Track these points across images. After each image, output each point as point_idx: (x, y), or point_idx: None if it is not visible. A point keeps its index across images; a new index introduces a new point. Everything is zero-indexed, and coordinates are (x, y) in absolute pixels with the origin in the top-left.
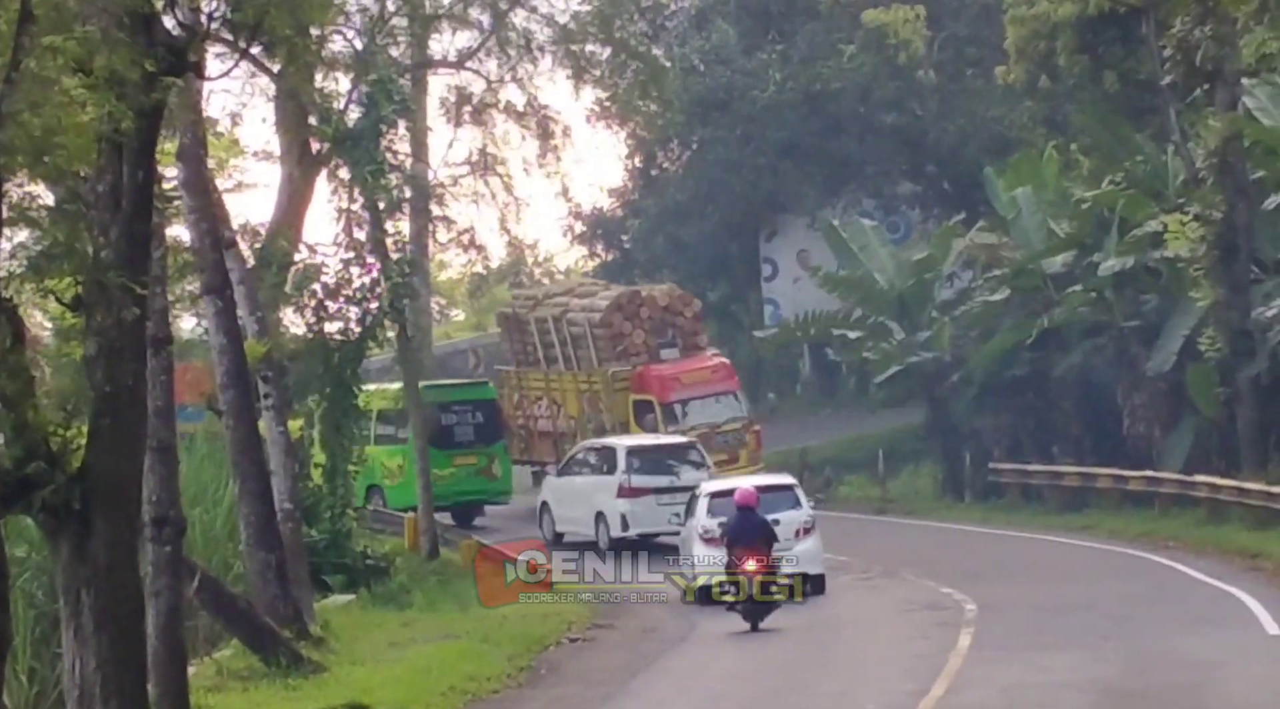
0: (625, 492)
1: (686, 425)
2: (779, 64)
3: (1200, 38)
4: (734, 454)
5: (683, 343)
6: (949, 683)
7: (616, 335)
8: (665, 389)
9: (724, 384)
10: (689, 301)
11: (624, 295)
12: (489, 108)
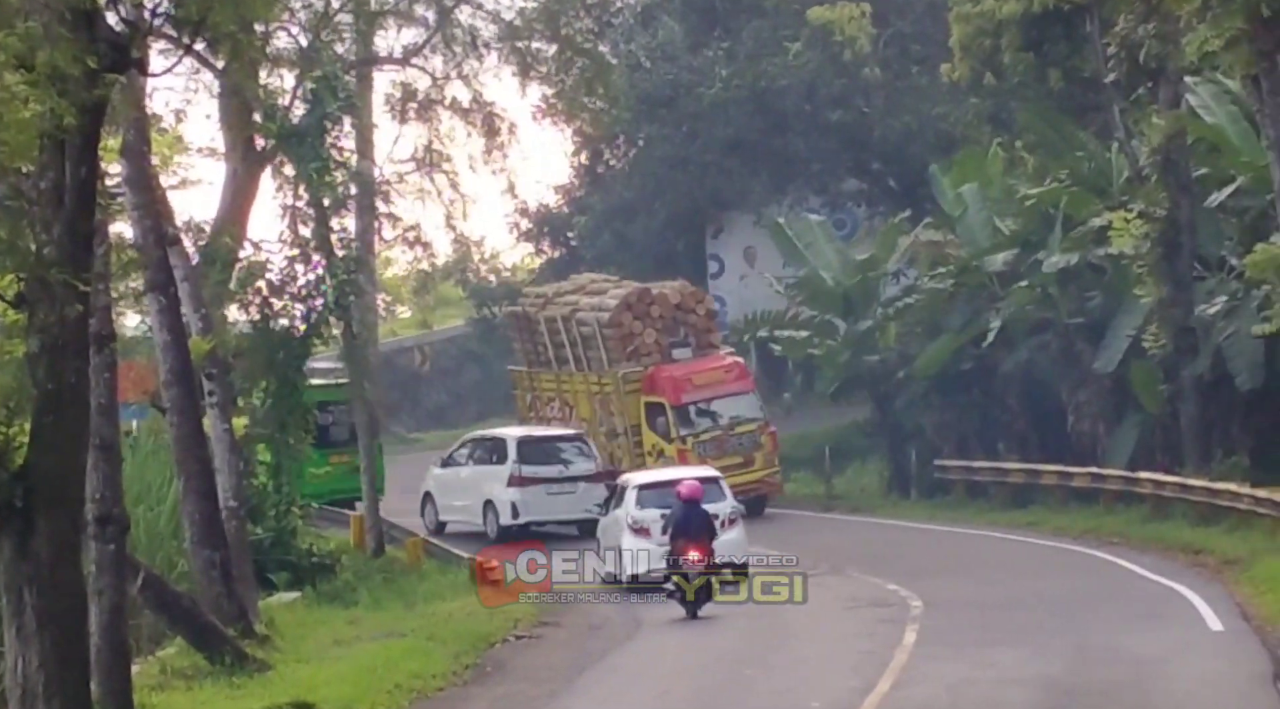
0: (515, 481)
1: (699, 428)
2: (725, 61)
3: (1143, 36)
4: (749, 457)
5: (696, 342)
6: (894, 679)
7: (627, 335)
8: (677, 390)
9: (738, 385)
10: (701, 299)
11: (633, 293)
12: (434, 104)
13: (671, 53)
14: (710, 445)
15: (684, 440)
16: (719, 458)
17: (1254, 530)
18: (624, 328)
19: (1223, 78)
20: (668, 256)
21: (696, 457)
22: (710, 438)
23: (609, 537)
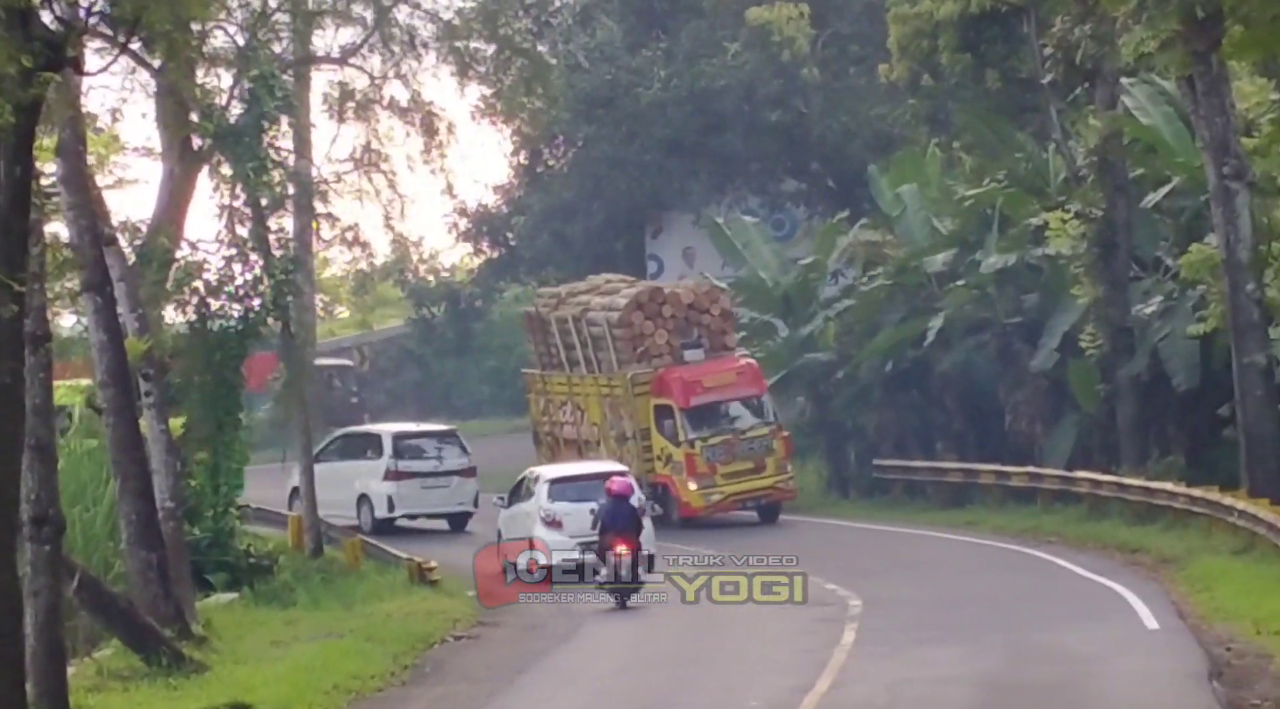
0: (391, 475)
1: (709, 432)
2: (663, 61)
3: (1080, 37)
4: (760, 462)
5: (709, 343)
6: (833, 678)
7: (637, 336)
8: (686, 393)
9: (750, 388)
10: (716, 298)
11: (644, 292)
12: (373, 104)
13: (610, 53)
14: (719, 450)
15: (692, 444)
16: (729, 463)
17: (1190, 529)
18: (634, 328)
19: (1158, 79)
20: (607, 257)
21: (704, 462)
22: (720, 442)
23: (514, 529)
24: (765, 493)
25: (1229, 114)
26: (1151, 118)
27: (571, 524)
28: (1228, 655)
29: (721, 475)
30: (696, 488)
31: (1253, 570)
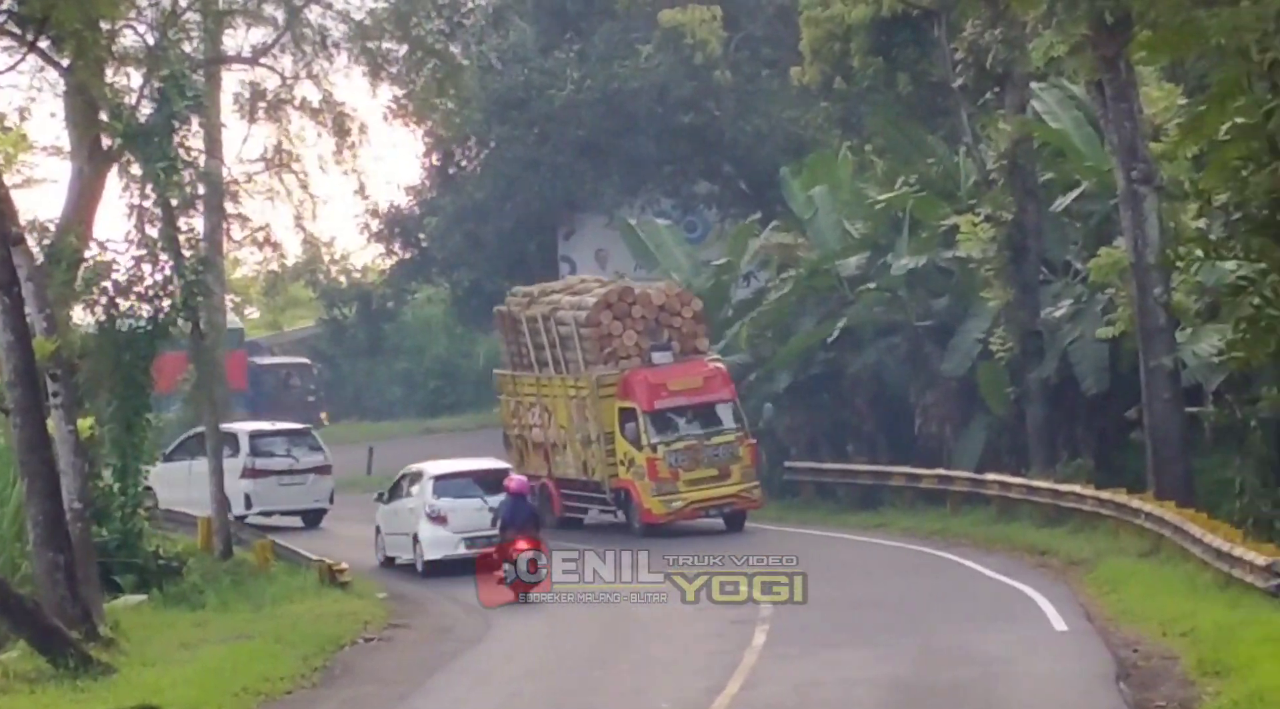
0: (248, 473)
1: (672, 436)
2: (576, 63)
3: (990, 41)
4: (725, 469)
5: (680, 346)
6: (743, 680)
7: (605, 336)
8: (649, 396)
9: (717, 393)
10: (688, 301)
11: (614, 292)
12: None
13: (523, 54)
14: (683, 455)
15: (654, 449)
16: (692, 469)
17: (1098, 531)
18: (602, 328)
19: (1068, 83)
20: (519, 258)
21: (667, 467)
22: (683, 447)
23: (394, 524)
24: (729, 501)
25: (1137, 119)
26: (1061, 122)
27: (456, 520)
28: (1134, 657)
29: (684, 482)
30: (658, 494)
31: (1159, 572)
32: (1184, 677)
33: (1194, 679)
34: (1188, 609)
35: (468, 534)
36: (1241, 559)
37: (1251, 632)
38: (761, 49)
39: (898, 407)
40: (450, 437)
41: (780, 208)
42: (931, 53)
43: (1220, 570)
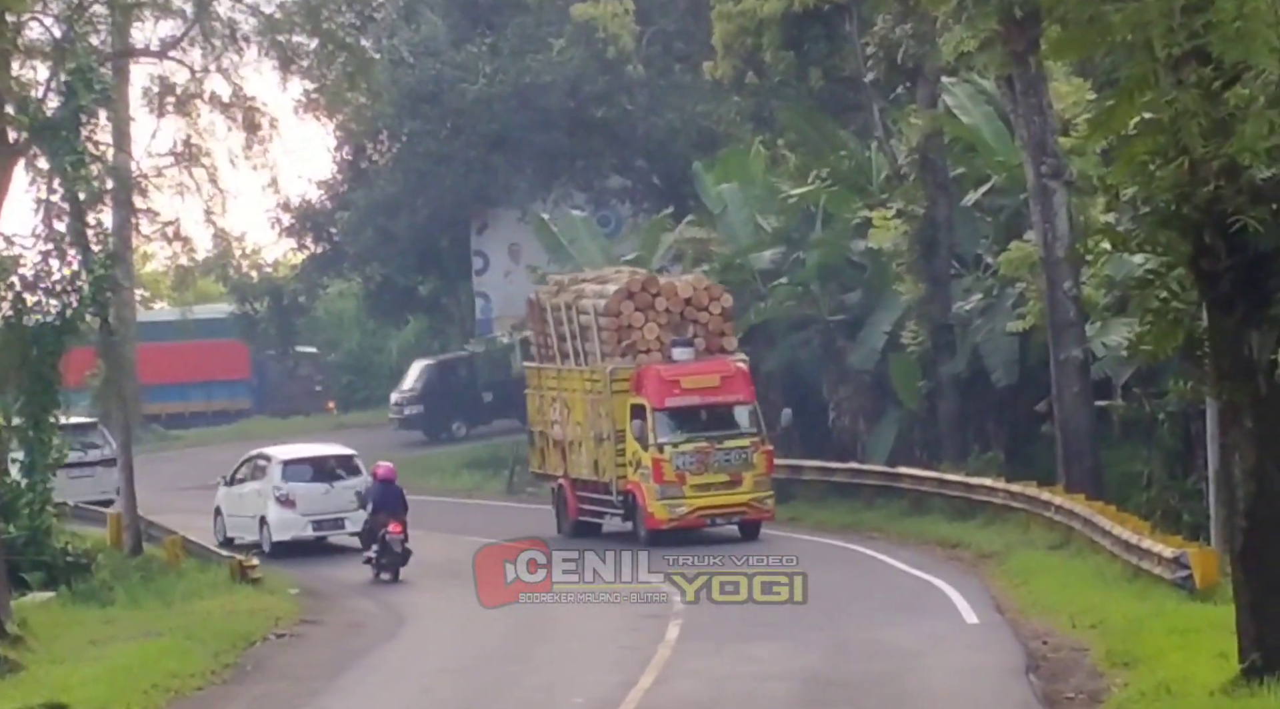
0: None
1: (681, 437)
2: (488, 57)
3: (901, 36)
4: (737, 476)
5: (705, 343)
6: (656, 674)
7: (624, 327)
8: (659, 393)
9: (733, 394)
10: (717, 295)
11: (637, 281)
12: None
13: (435, 48)
14: (691, 458)
15: (660, 449)
16: (700, 474)
17: (1008, 524)
18: (621, 318)
19: (978, 78)
20: (432, 253)
21: (673, 470)
22: (692, 449)
23: (239, 506)
24: (738, 510)
25: (1047, 113)
26: (972, 117)
27: (304, 503)
28: (1044, 649)
29: (691, 487)
30: (662, 498)
31: (1068, 565)
32: (1093, 668)
33: (1103, 670)
34: (1097, 601)
35: (314, 517)
36: (1150, 551)
37: (1159, 623)
38: (674, 43)
39: (811, 400)
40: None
41: (693, 202)
42: (843, 48)
43: (1129, 562)
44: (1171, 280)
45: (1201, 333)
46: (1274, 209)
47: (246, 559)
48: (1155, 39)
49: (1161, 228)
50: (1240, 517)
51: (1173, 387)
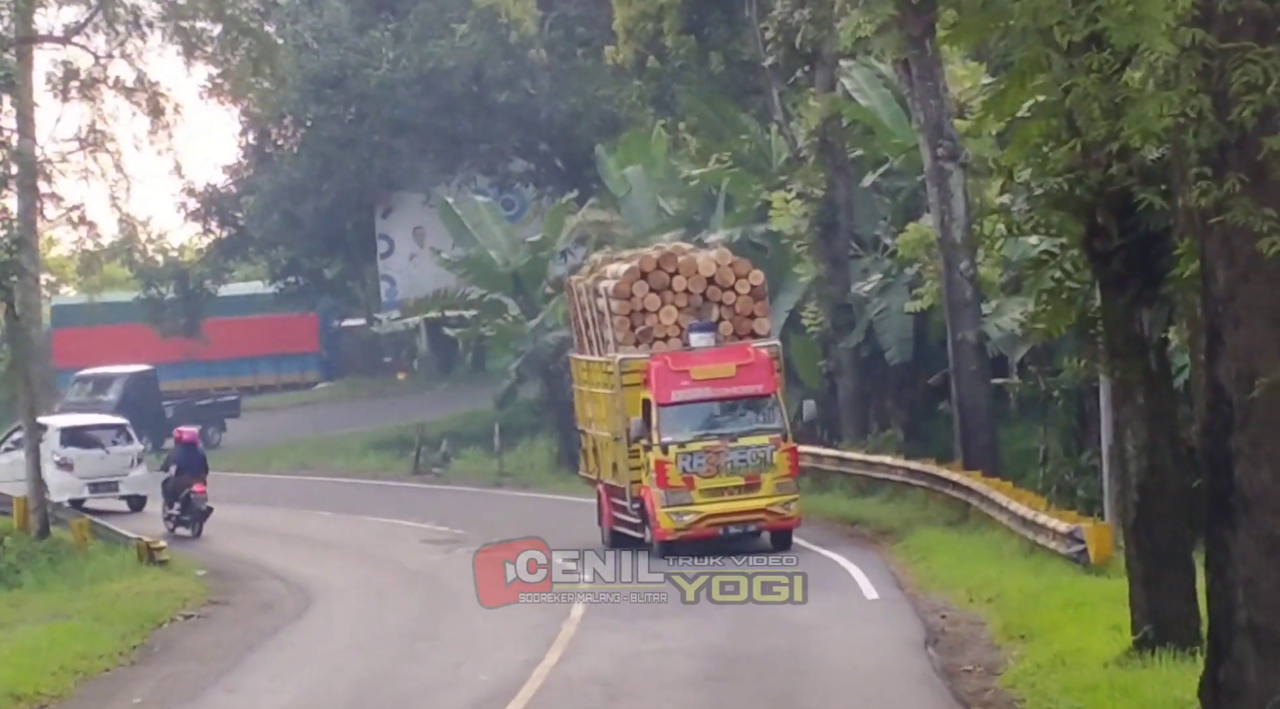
0: None
1: (688, 435)
2: (391, 42)
3: (800, 21)
4: (754, 478)
5: (732, 327)
6: (562, 651)
7: (638, 312)
8: (665, 384)
9: (753, 385)
10: (744, 272)
11: (650, 259)
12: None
13: (338, 34)
14: (700, 459)
15: (665, 449)
16: (711, 476)
17: (907, 501)
18: (634, 300)
19: (876, 62)
20: (338, 236)
21: (679, 472)
22: (701, 449)
23: (12, 472)
24: (754, 517)
25: (943, 97)
26: (869, 100)
27: (82, 467)
28: (943, 623)
29: (700, 491)
30: (667, 505)
31: (966, 540)
32: (990, 641)
33: (1000, 644)
34: (994, 575)
35: (91, 479)
36: (1045, 526)
37: (1054, 597)
38: (576, 28)
39: None
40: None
41: (596, 185)
42: (742, 32)
43: (1025, 537)
44: (1065, 260)
45: (1094, 311)
46: (1163, 189)
47: (154, 541)
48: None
49: (1055, 209)
50: (1132, 491)
51: (1067, 364)
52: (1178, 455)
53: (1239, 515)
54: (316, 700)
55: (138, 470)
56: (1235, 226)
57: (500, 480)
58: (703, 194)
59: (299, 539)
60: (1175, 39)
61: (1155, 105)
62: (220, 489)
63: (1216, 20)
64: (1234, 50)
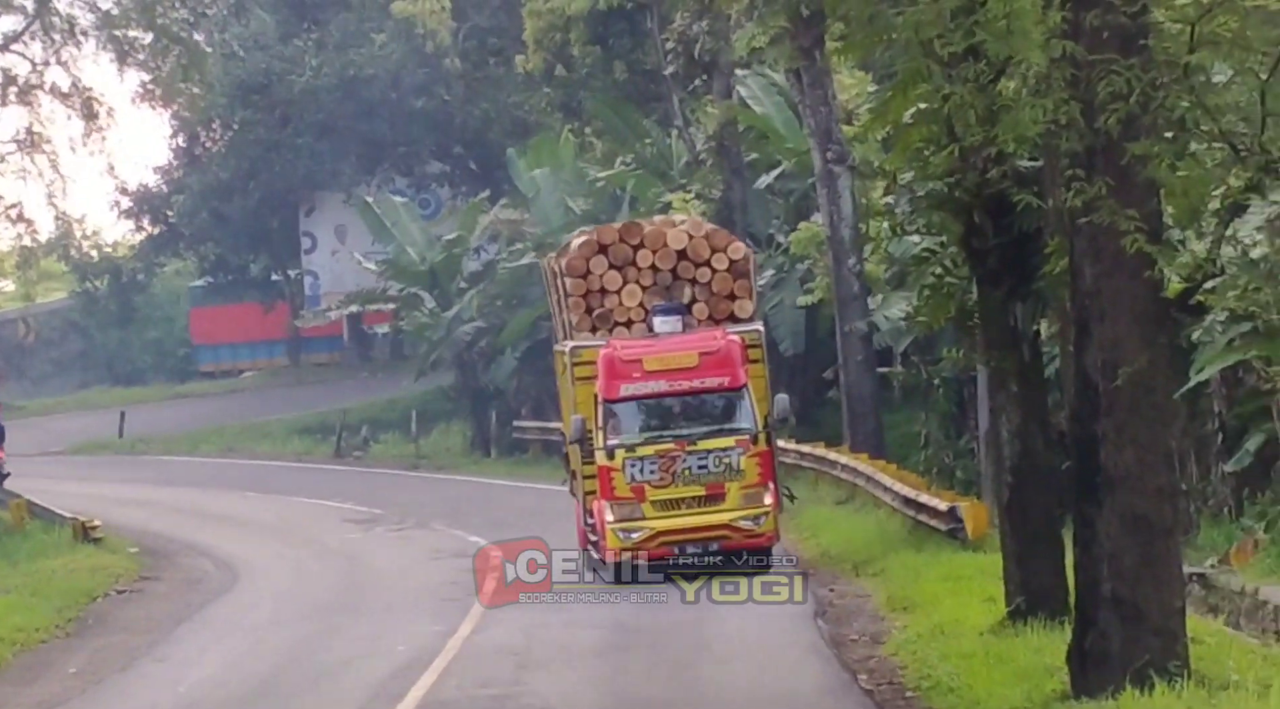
0: None
1: (640, 437)
2: (314, 51)
3: (698, 32)
4: (717, 488)
5: (708, 308)
6: (475, 624)
7: (595, 291)
8: (613, 378)
9: (717, 376)
10: (722, 244)
11: (610, 231)
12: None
13: (264, 42)
14: (651, 465)
15: (611, 454)
16: (663, 487)
17: (799, 482)
18: (590, 279)
19: (770, 71)
20: (263, 233)
21: (626, 482)
22: (652, 453)
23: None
24: (716, 535)
25: (832, 104)
26: (764, 107)
27: None
28: (831, 596)
29: (651, 504)
30: (614, 520)
31: (854, 518)
32: (875, 613)
33: (884, 615)
34: (879, 551)
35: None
36: (926, 505)
37: (934, 571)
38: (488, 39)
39: None
40: (200, 400)
41: (508, 186)
42: (645, 42)
43: (907, 516)
44: (945, 257)
45: (972, 305)
46: (1036, 191)
47: (89, 520)
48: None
49: (935, 209)
50: (1006, 473)
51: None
52: (1048, 439)
53: (1104, 495)
54: (242, 670)
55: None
56: (1101, 226)
57: (417, 463)
58: (608, 195)
59: (226, 519)
60: (1046, 51)
61: (1028, 113)
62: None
63: (1084, 34)
64: (1100, 62)
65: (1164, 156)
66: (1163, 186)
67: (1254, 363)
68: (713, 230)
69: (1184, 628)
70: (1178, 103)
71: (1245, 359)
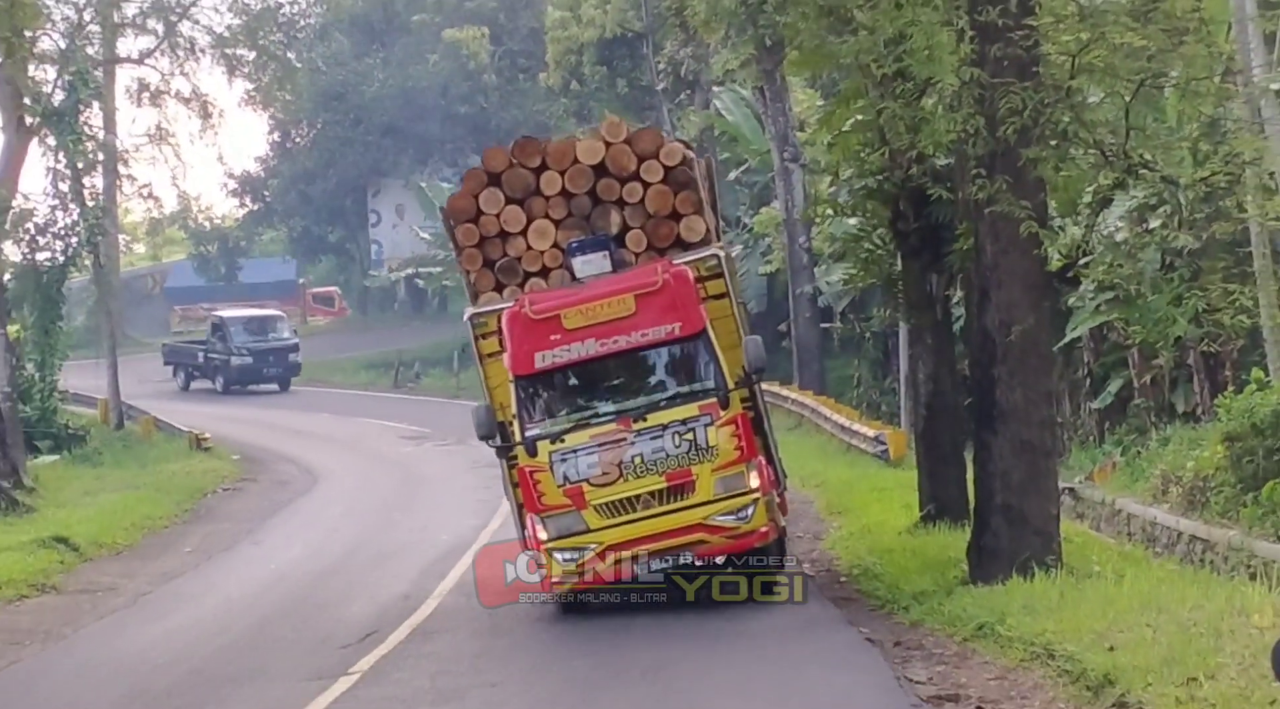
0: None
1: (564, 421)
2: (381, 67)
3: (684, 56)
4: (682, 475)
5: (646, 236)
6: (502, 520)
7: (492, 237)
8: (522, 346)
9: (663, 322)
10: (654, 147)
11: (501, 153)
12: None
13: (341, 59)
14: (588, 457)
15: (532, 449)
16: (607, 484)
17: None
18: (483, 221)
19: (739, 88)
20: (339, 210)
21: (555, 484)
22: (587, 439)
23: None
24: (689, 541)
25: (788, 115)
26: (735, 116)
27: None
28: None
29: (595, 509)
30: (547, 537)
31: (801, 442)
32: (817, 515)
33: (823, 517)
34: (820, 468)
35: None
36: (858, 432)
37: (864, 483)
38: (519, 59)
39: None
40: None
41: None
42: (641, 64)
43: (843, 440)
44: (875, 236)
45: (896, 274)
46: (949, 186)
47: (201, 433)
48: (869, 62)
49: (869, 199)
50: (921, 407)
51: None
52: (955, 381)
53: (998, 425)
54: (320, 551)
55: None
56: (1000, 214)
57: (458, 393)
58: None
59: (308, 434)
60: (959, 75)
61: (944, 124)
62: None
63: (989, 62)
64: (1001, 84)
65: (1050, 160)
66: (1049, 183)
67: (1116, 323)
68: (637, 132)
69: (1058, 530)
70: (1061, 118)
71: (1109, 320)
